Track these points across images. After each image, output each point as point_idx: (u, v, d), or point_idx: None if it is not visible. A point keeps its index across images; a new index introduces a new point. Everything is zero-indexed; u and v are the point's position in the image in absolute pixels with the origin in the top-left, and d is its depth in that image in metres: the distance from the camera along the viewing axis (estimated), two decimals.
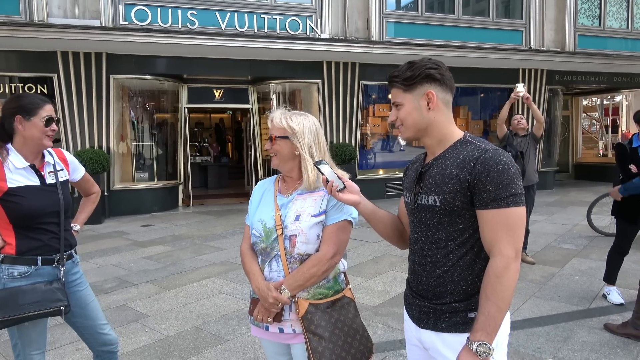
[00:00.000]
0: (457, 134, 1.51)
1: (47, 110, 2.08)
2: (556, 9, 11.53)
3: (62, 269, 2.10)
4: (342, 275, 1.86)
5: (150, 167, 9.89)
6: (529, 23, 11.30)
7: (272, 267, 1.79)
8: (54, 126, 2.10)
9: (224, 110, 16.73)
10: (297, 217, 1.75)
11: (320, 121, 10.20)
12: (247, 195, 11.44)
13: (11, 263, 2.00)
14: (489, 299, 1.33)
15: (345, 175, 1.66)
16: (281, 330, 1.78)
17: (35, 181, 2.08)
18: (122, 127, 9.47)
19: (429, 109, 1.46)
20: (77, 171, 2.37)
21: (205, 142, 15.87)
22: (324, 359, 1.64)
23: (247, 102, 10.46)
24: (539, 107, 12.06)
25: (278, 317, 1.75)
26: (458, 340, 1.41)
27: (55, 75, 8.48)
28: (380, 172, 11.23)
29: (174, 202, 10.08)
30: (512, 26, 11.24)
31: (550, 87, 12.17)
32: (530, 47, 11.23)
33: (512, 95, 5.06)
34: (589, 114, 15.32)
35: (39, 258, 2.04)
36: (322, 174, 1.61)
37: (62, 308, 2.02)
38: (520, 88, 5.07)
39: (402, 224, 1.73)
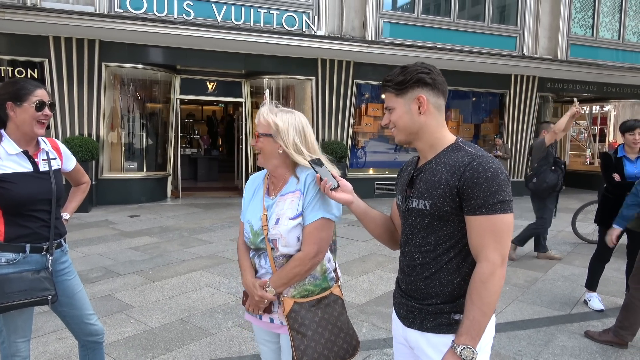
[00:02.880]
0: (449, 138, 1.52)
1: (39, 95, 2.03)
2: (551, 16, 11.65)
3: (51, 257, 2.08)
4: (332, 273, 1.86)
5: (139, 157, 9.81)
6: (523, 29, 11.40)
7: (261, 264, 1.83)
8: (46, 111, 2.05)
9: (216, 103, 16.65)
10: (277, 221, 1.76)
11: (312, 118, 10.23)
12: (236, 189, 11.44)
13: (0, 250, 1.98)
14: (474, 303, 1.36)
15: (338, 174, 1.69)
16: (272, 320, 1.84)
17: (28, 168, 2.05)
18: (112, 115, 9.38)
19: (420, 113, 1.48)
20: (70, 161, 2.35)
21: (196, 134, 15.77)
22: (305, 357, 1.67)
23: (240, 96, 10.42)
24: (528, 114, 12.22)
25: (268, 310, 1.81)
26: (442, 340, 1.45)
27: (47, 60, 8.37)
28: (371, 171, 11.27)
29: (162, 193, 10.02)
30: (507, 32, 11.33)
31: (541, 94, 12.31)
32: (523, 54, 11.34)
33: (575, 109, 5.12)
34: (577, 122, 15.52)
35: (28, 246, 2.02)
36: (316, 172, 1.64)
37: (49, 297, 2.00)
38: (578, 104, 5.21)
39: (394, 225, 1.75)
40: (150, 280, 4.71)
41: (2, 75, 8.46)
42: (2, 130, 2.04)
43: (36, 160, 2.10)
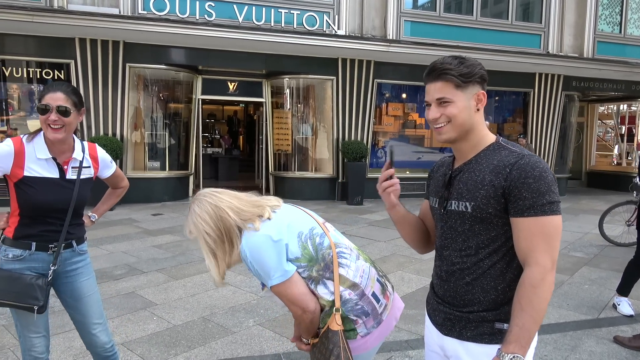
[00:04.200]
0: (490, 137, 1.46)
1: (47, 98, 1.98)
2: (576, 14, 11.39)
3: (53, 267, 2.06)
4: (334, 299, 1.69)
5: (162, 156, 9.96)
6: (547, 27, 11.18)
7: None
8: (51, 116, 1.96)
9: (237, 103, 16.78)
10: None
11: (332, 118, 10.23)
12: (256, 188, 11.47)
13: (8, 245, 2.04)
14: (524, 310, 1.28)
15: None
16: None
17: (55, 174, 2.06)
18: (136, 115, 9.54)
19: (477, 110, 1.41)
20: (108, 169, 2.34)
21: (217, 134, 15.92)
22: None
23: (261, 96, 10.47)
24: (553, 113, 11.96)
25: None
26: (483, 350, 1.38)
27: (73, 61, 8.56)
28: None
29: (184, 192, 10.14)
30: (531, 30, 11.12)
31: (566, 93, 12.05)
32: (548, 52, 11.12)
33: None
34: (604, 121, 15.15)
35: (33, 243, 2.04)
36: (391, 159, 1.60)
37: (36, 308, 1.98)
38: None
39: (426, 227, 1.70)
40: (172, 278, 4.76)
41: (31, 76, 8.68)
42: (41, 132, 2.07)
43: (65, 167, 2.09)
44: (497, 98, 12.28)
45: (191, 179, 10.39)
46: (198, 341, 3.38)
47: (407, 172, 11.04)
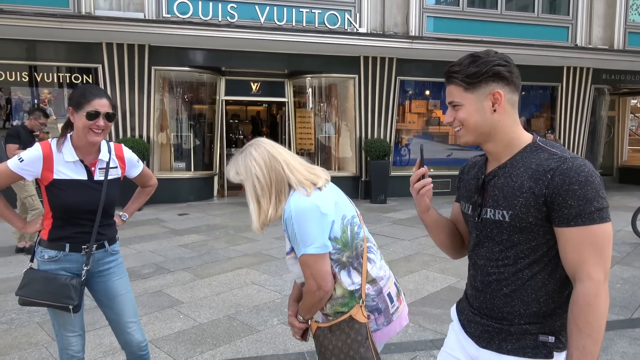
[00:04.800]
0: (525, 138, 1.34)
1: (95, 104, 2.03)
2: (605, 4, 11.05)
3: (86, 267, 2.11)
4: (359, 292, 1.71)
5: (187, 157, 10.12)
6: (575, 19, 10.88)
7: None
8: (100, 121, 2.03)
9: (260, 103, 16.90)
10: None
11: (355, 116, 10.20)
12: None
13: (44, 247, 2.10)
14: (583, 330, 1.17)
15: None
16: None
17: (83, 176, 2.10)
18: (161, 117, 9.72)
19: (494, 110, 1.29)
20: (135, 168, 2.37)
21: (240, 135, 16.07)
22: None
23: (283, 96, 10.52)
24: (582, 107, 11.64)
25: (304, 336, 1.85)
26: None
27: (100, 65, 8.78)
28: (414, 169, 11.08)
29: (209, 192, 10.28)
30: (558, 22, 10.85)
31: (596, 87, 11.71)
32: (577, 45, 10.82)
33: None
34: (636, 115, 14.66)
35: (67, 245, 2.10)
36: (421, 158, 1.50)
37: (71, 307, 2.04)
38: None
39: (458, 230, 1.61)
40: (198, 277, 4.84)
41: (61, 81, 8.94)
42: (68, 135, 2.12)
43: (92, 169, 2.13)
44: (523, 93, 12.01)
45: (216, 179, 10.53)
46: (223, 339, 3.43)
47: (432, 170, 10.90)
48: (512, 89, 1.31)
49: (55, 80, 8.92)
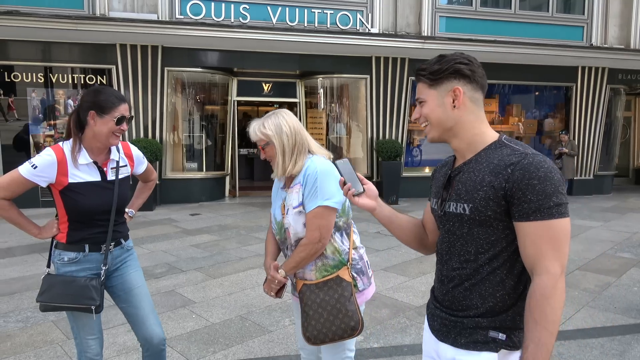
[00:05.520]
0: (491, 135, 1.37)
1: (121, 110, 2.06)
2: (621, 3, 10.89)
3: (104, 268, 2.11)
4: (347, 256, 1.98)
5: (199, 157, 10.18)
6: (590, 18, 10.74)
7: (288, 254, 2.03)
8: (124, 126, 2.08)
9: (271, 104, 16.94)
10: (287, 211, 1.96)
11: (367, 117, 10.17)
12: None
13: (62, 249, 2.09)
14: (538, 323, 1.20)
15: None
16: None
17: (97, 177, 2.11)
18: (174, 118, 9.79)
19: (454, 107, 1.34)
20: (141, 165, 2.39)
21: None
22: (307, 333, 1.90)
23: (295, 96, 10.54)
24: (597, 108, 11.47)
25: (279, 293, 2.03)
26: (475, 359, 1.31)
27: (114, 66, 8.87)
28: (427, 170, 11.04)
29: (221, 192, 10.33)
30: (573, 21, 10.72)
31: (611, 87, 11.54)
32: (592, 44, 10.68)
33: None
34: None
35: (87, 245, 2.10)
36: (341, 176, 1.52)
37: (93, 307, 2.04)
38: None
39: (424, 230, 1.62)
40: (210, 277, 4.86)
41: (75, 82, 9.05)
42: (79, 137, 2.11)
43: (105, 169, 2.14)
44: (537, 93, 11.90)
45: (227, 179, 10.57)
46: (236, 339, 3.43)
47: (427, 171, 10.82)
48: (474, 87, 1.35)
49: (70, 81, 9.03)
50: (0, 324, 3.69)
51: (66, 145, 2.07)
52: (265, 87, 10.38)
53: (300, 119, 10.46)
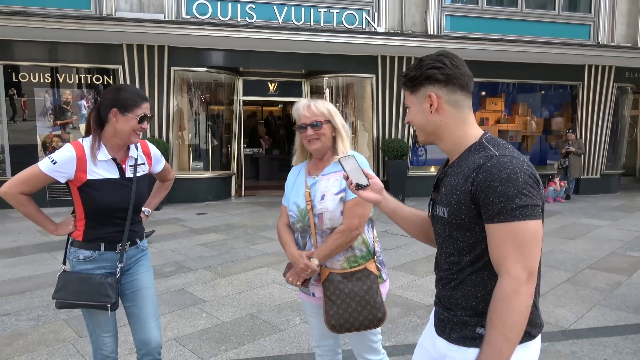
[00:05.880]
0: (473, 135, 1.36)
1: (144, 108, 2.07)
2: (629, 1, 10.83)
3: (120, 265, 2.11)
4: (373, 247, 2.05)
5: (205, 157, 10.19)
6: (597, 17, 10.68)
7: (310, 242, 2.03)
8: (145, 124, 2.10)
9: (276, 103, 16.94)
10: (323, 197, 1.97)
11: (372, 116, 10.16)
12: None
13: (78, 247, 2.09)
14: (495, 326, 1.19)
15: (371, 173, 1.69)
16: (313, 295, 2.09)
17: (115, 174, 2.10)
18: (180, 117, 9.80)
19: (432, 112, 1.35)
20: (159, 164, 2.39)
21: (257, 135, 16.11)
22: (333, 320, 1.92)
23: (300, 96, 10.52)
24: (604, 107, 11.41)
25: (306, 283, 2.02)
26: (463, 355, 1.33)
27: (121, 66, 8.89)
28: (432, 169, 11.02)
29: (227, 192, 10.34)
30: (579, 20, 10.66)
31: (618, 85, 11.47)
32: (599, 42, 10.62)
33: None
34: None
35: (102, 244, 2.10)
36: (344, 171, 1.57)
37: (109, 305, 2.03)
38: None
39: (430, 224, 1.63)
40: (219, 276, 4.86)
41: (82, 82, 9.08)
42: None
43: (124, 166, 2.13)
44: (542, 92, 11.85)
45: (233, 178, 10.58)
46: (247, 338, 3.43)
47: (432, 170, 10.79)
48: (450, 89, 1.34)
49: (76, 81, 9.06)
50: (12, 322, 3.70)
51: (86, 142, 2.07)
52: (271, 87, 10.38)
53: None
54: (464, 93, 1.36)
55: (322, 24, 9.17)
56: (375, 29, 9.39)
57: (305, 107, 1.99)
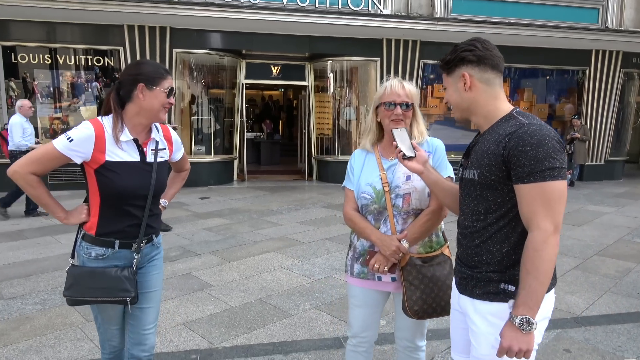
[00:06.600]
0: (504, 109, 1.53)
1: (170, 81, 1.93)
2: None
3: (137, 257, 1.96)
4: (444, 233, 2.06)
5: (207, 141, 10.09)
6: (606, 1, 10.50)
7: (386, 225, 1.95)
8: (172, 99, 1.93)
9: (277, 87, 16.76)
10: (408, 177, 1.93)
11: None
12: (299, 172, 11.50)
13: (90, 243, 1.92)
14: (530, 273, 1.36)
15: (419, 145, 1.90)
16: (379, 278, 2.00)
17: (136, 157, 1.92)
18: (182, 101, 9.67)
19: (466, 89, 1.53)
20: (179, 151, 2.22)
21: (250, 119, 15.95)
22: (416, 306, 1.87)
23: (304, 79, 10.39)
24: (610, 92, 11.29)
25: (393, 268, 1.93)
26: (488, 308, 1.48)
27: (122, 48, 8.74)
28: None
29: (229, 176, 10.27)
30: (588, 3, 10.48)
31: (625, 71, 11.34)
32: (607, 27, 10.46)
33: None
34: None
35: (117, 242, 1.92)
36: (395, 141, 1.78)
37: (128, 299, 1.90)
38: None
39: None
40: (226, 260, 4.81)
41: (82, 63, 8.93)
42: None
43: (145, 149, 1.95)
44: (548, 77, 11.71)
45: (235, 163, 10.50)
46: (257, 323, 3.39)
47: (452, 155, 10.64)
48: (482, 68, 1.51)
49: (76, 63, 8.91)
50: (18, 306, 3.66)
51: (106, 121, 1.89)
52: (274, 70, 10.23)
53: (308, 103, 10.38)
54: (494, 72, 1.53)
55: (327, 6, 8.99)
56: (381, 11, 9.22)
57: (400, 85, 1.96)
